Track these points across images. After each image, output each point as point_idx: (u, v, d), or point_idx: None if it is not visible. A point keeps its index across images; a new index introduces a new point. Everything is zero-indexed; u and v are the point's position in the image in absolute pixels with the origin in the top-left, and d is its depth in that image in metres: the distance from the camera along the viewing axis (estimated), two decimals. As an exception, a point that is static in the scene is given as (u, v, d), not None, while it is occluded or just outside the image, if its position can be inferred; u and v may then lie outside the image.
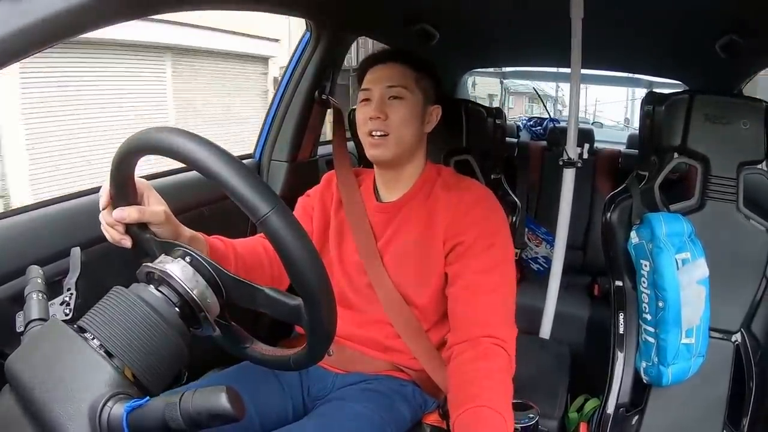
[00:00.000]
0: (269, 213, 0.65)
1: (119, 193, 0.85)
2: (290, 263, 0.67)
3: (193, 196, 1.55)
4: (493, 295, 1.14)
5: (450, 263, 1.21)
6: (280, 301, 0.75)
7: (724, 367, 1.60)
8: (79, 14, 0.78)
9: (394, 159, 1.26)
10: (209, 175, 0.66)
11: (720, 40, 1.79)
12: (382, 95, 1.25)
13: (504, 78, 6.89)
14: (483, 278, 1.15)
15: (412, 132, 1.26)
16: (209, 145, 0.67)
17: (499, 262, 1.18)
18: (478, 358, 1.06)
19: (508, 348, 1.09)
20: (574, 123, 1.94)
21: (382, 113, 1.23)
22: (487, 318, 1.11)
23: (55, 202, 1.29)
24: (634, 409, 1.61)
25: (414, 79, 1.27)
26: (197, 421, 0.59)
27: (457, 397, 1.01)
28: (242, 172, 0.65)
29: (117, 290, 0.71)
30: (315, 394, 1.27)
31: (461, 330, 1.12)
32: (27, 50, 0.74)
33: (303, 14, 1.73)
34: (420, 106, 1.27)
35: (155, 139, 0.71)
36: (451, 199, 1.24)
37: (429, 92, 1.30)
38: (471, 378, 1.03)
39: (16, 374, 0.64)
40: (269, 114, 1.95)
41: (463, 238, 1.19)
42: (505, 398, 1.00)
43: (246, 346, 0.87)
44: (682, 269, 1.47)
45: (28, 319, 0.71)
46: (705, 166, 1.58)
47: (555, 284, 2.03)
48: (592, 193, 2.85)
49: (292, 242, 0.66)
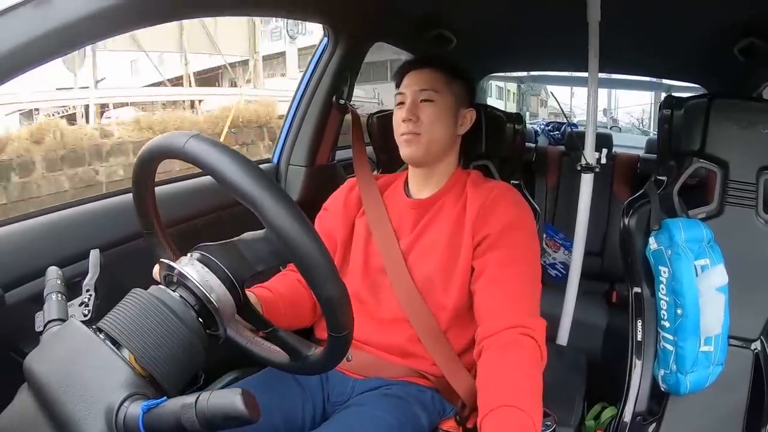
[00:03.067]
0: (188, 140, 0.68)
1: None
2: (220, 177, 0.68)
3: (213, 201, 1.57)
4: (519, 287, 1.15)
5: (477, 257, 1.22)
6: (255, 238, 0.77)
7: (744, 376, 1.57)
8: (99, 19, 0.80)
9: (425, 157, 1.31)
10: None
11: (739, 43, 1.77)
12: (414, 98, 1.30)
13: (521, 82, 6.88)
14: (508, 270, 1.16)
15: (442, 132, 1.31)
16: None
17: (524, 254, 1.20)
18: (507, 352, 1.05)
19: (537, 336, 1.08)
20: (592, 128, 1.92)
21: (413, 115, 1.29)
22: (514, 308, 1.11)
23: (75, 205, 1.31)
24: (651, 417, 1.58)
25: (445, 82, 1.32)
26: (212, 423, 0.59)
27: (485, 395, 1.00)
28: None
29: (135, 292, 0.72)
30: (335, 400, 1.27)
31: (489, 323, 1.12)
32: (50, 54, 0.76)
33: (321, 20, 1.75)
34: (451, 109, 1.32)
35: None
36: (478, 195, 1.28)
37: (461, 96, 1.35)
38: (499, 374, 1.02)
39: (35, 373, 0.65)
40: (287, 118, 1.97)
41: (489, 231, 1.21)
42: (533, 395, 0.98)
43: (308, 354, 0.87)
44: (701, 276, 1.45)
45: (47, 319, 0.72)
46: (724, 171, 1.56)
47: (573, 291, 2.02)
48: (610, 198, 2.82)
49: (218, 155, 0.68)
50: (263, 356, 0.91)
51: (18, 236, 1.16)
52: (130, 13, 0.91)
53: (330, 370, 0.94)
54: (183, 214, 1.48)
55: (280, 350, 0.89)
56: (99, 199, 1.36)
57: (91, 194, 1.41)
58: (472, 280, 1.22)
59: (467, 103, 1.38)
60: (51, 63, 0.78)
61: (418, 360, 1.26)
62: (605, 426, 1.74)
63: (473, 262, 1.22)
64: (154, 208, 0.87)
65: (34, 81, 8.13)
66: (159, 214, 0.89)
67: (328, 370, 0.86)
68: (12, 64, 0.73)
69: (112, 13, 0.83)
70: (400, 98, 1.34)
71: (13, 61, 0.73)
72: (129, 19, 0.93)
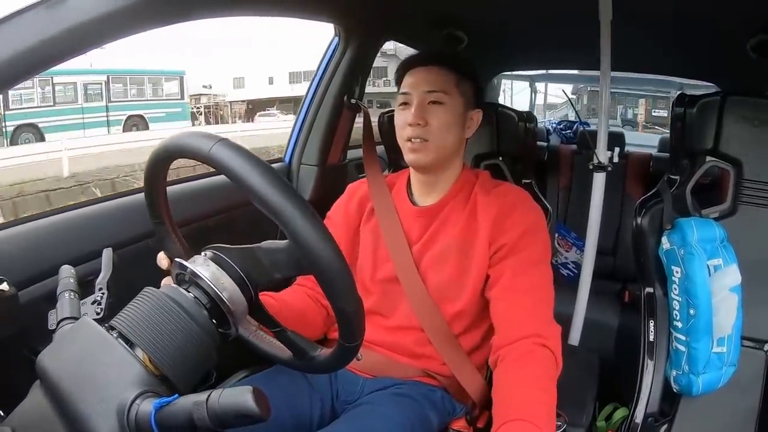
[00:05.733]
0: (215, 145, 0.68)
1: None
2: (244, 185, 0.68)
3: (225, 201, 1.57)
4: (535, 294, 1.15)
5: (492, 264, 1.20)
6: (275, 249, 0.76)
7: (757, 377, 1.55)
8: (110, 21, 0.80)
9: (433, 164, 1.25)
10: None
11: (751, 40, 1.75)
12: (421, 100, 1.21)
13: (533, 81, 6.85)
14: (523, 278, 1.16)
15: (452, 138, 1.24)
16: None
17: (538, 262, 1.19)
18: (522, 364, 1.06)
19: (553, 346, 1.09)
20: (604, 126, 1.92)
21: (421, 119, 1.20)
22: (530, 317, 1.12)
23: (88, 204, 1.32)
24: (663, 418, 1.57)
25: (455, 83, 1.23)
26: (224, 421, 0.59)
27: (501, 407, 1.00)
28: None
29: (148, 291, 0.72)
30: (344, 399, 1.27)
31: (505, 332, 1.12)
32: (61, 56, 0.76)
33: (332, 20, 1.75)
34: (461, 111, 1.24)
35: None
36: (491, 202, 1.23)
37: (470, 96, 1.27)
38: (515, 386, 1.03)
39: (47, 370, 0.65)
40: (298, 118, 1.97)
41: (506, 240, 1.19)
42: (547, 409, 0.99)
43: (314, 355, 0.88)
44: (713, 276, 1.43)
45: (60, 317, 0.73)
46: (738, 169, 1.55)
47: (585, 291, 2.01)
48: (622, 197, 2.79)
49: (242, 164, 0.67)
50: (271, 353, 0.91)
51: (31, 235, 1.17)
52: (142, 14, 0.92)
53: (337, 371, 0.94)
54: (195, 213, 1.49)
55: (286, 348, 0.89)
56: (112, 198, 1.37)
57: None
58: (488, 287, 1.21)
59: (474, 104, 1.29)
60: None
61: (428, 360, 1.26)
62: (616, 427, 1.74)
63: (489, 270, 1.21)
64: (165, 200, 0.87)
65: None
66: (169, 207, 0.89)
67: (334, 372, 0.86)
68: (26, 64, 0.74)
69: (125, 14, 0.84)
70: (403, 98, 1.25)
71: (27, 61, 0.74)
72: (141, 20, 0.94)
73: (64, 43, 0.76)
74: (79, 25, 0.76)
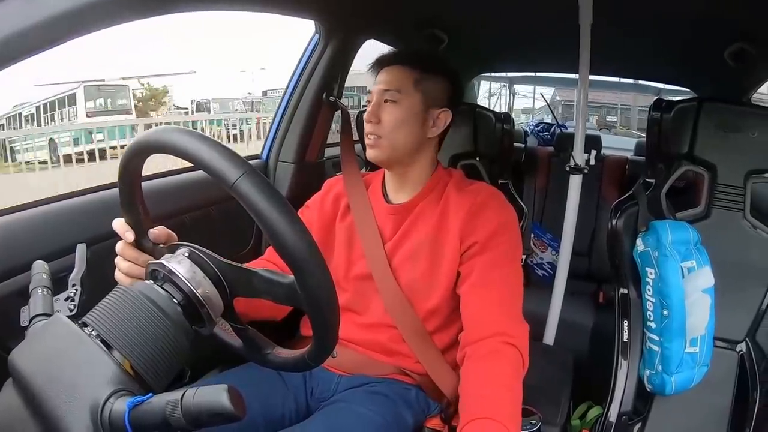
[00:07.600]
0: (240, 177, 0.64)
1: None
2: (267, 227, 0.65)
3: (201, 197, 1.56)
4: (503, 292, 1.15)
5: (463, 262, 1.21)
6: (275, 281, 0.74)
7: (728, 377, 1.58)
8: (88, 12, 0.79)
9: (390, 160, 1.26)
10: (178, 153, 0.67)
11: (729, 48, 1.78)
12: (378, 99, 1.24)
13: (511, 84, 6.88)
14: (492, 276, 1.16)
15: (405, 135, 1.24)
16: (179, 130, 0.68)
17: (508, 260, 1.19)
18: (489, 361, 1.06)
19: (519, 343, 1.09)
20: (581, 129, 1.93)
21: (374, 117, 1.23)
22: (497, 316, 1.12)
23: (62, 199, 1.29)
24: (636, 417, 1.60)
25: (413, 81, 1.24)
26: (198, 420, 0.58)
27: (466, 404, 1.01)
28: (209, 144, 0.65)
29: (121, 287, 0.71)
30: (318, 396, 1.27)
31: (472, 329, 1.13)
32: (38, 47, 0.75)
33: (312, 16, 1.74)
34: (417, 110, 1.24)
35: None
36: (463, 200, 1.24)
37: (434, 95, 1.26)
38: (480, 384, 1.03)
39: (19, 368, 0.64)
40: (277, 115, 1.95)
41: (477, 238, 1.19)
42: (512, 407, 1.00)
43: (268, 352, 0.86)
44: (687, 277, 1.46)
45: (33, 313, 0.71)
46: (712, 174, 1.57)
47: (560, 291, 2.03)
48: (598, 199, 2.83)
49: (267, 206, 0.64)
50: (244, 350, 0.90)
51: (4, 230, 1.14)
52: (121, 6, 0.90)
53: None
54: (171, 209, 1.46)
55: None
56: (86, 193, 1.35)
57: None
58: (458, 283, 1.21)
59: (442, 103, 1.27)
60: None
61: (403, 358, 1.26)
62: (591, 425, 1.76)
63: (460, 267, 1.21)
64: (140, 191, 0.84)
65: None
66: (143, 196, 0.86)
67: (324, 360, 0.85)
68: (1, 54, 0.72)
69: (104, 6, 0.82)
70: (369, 97, 1.28)
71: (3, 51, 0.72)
72: (120, 12, 0.92)
73: (41, 34, 0.74)
74: (59, 14, 0.74)
